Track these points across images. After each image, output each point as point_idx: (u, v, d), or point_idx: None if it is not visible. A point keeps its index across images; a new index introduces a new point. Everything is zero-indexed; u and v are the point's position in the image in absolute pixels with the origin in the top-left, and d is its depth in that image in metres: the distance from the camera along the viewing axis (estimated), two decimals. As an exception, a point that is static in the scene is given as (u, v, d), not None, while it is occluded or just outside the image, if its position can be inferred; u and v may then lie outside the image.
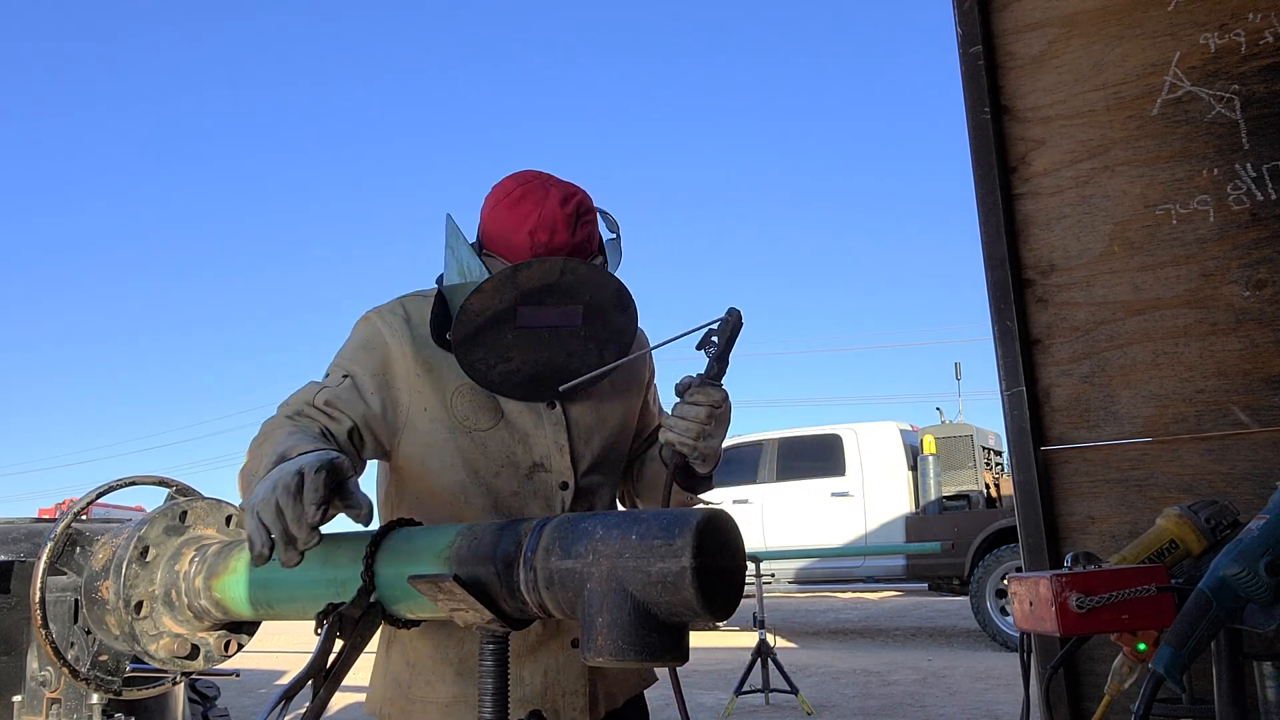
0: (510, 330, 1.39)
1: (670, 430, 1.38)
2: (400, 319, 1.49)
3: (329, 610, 1.13)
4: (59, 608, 1.46)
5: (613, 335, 1.46)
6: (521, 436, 1.48)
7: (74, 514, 1.44)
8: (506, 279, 1.36)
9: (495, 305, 1.37)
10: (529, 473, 1.47)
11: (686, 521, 0.95)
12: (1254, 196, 1.83)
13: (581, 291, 1.40)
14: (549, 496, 1.48)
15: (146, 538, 1.33)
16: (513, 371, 1.43)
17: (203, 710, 4.70)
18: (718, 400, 1.37)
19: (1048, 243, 2.02)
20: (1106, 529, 1.89)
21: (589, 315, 1.42)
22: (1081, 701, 1.88)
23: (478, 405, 1.47)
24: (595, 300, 1.42)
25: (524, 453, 1.48)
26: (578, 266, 1.38)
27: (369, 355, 1.47)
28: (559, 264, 1.38)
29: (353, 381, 1.45)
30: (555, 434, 1.49)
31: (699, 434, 1.36)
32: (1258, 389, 1.79)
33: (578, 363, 1.45)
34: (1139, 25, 1.97)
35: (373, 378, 1.46)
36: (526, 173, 1.50)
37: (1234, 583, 1.08)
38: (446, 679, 1.44)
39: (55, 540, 1.42)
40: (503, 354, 1.41)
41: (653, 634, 0.96)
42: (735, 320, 1.37)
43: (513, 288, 1.37)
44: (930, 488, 9.40)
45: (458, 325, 1.38)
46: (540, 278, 1.37)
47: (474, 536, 1.12)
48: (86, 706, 1.48)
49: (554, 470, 1.48)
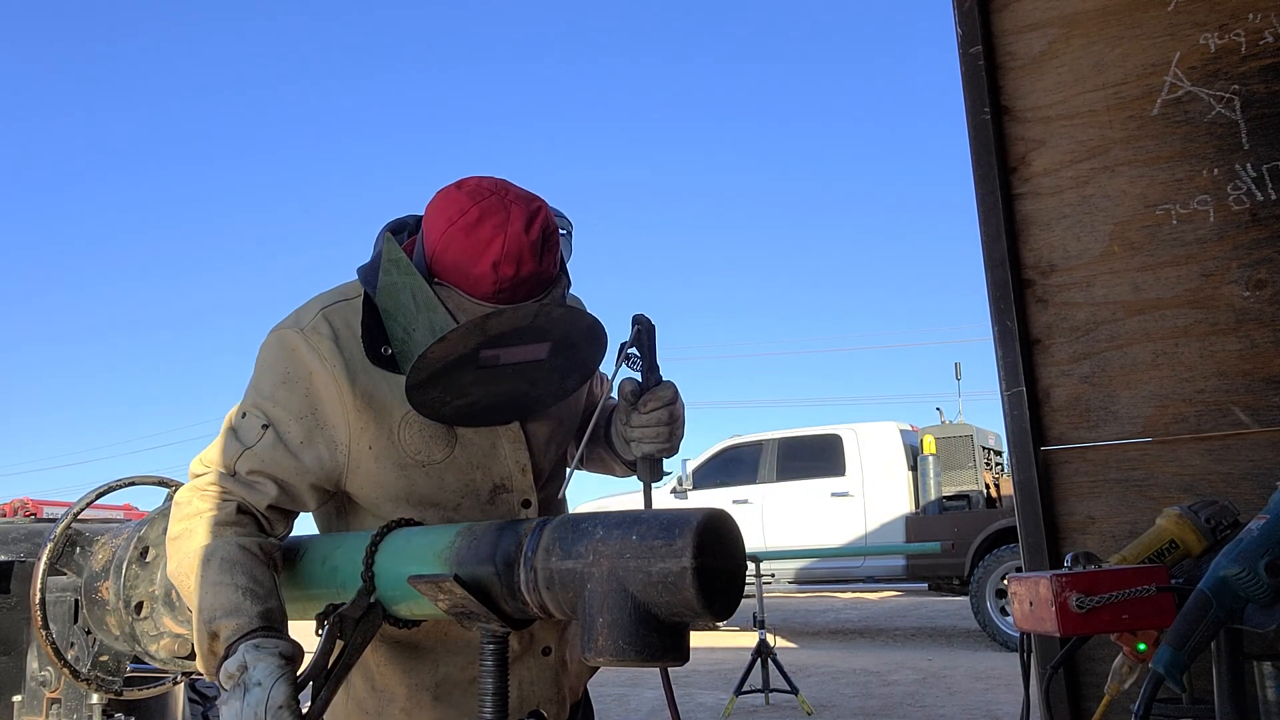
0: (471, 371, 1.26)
1: (643, 443, 1.40)
2: (328, 340, 1.30)
3: (329, 611, 1.13)
4: (59, 608, 1.46)
5: (578, 365, 1.36)
6: (480, 461, 1.36)
7: (74, 514, 1.44)
8: (474, 329, 1.21)
9: (458, 351, 1.23)
10: (490, 497, 1.37)
11: (687, 522, 0.95)
12: (1254, 196, 1.83)
13: (553, 332, 1.28)
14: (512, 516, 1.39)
15: (146, 538, 1.33)
16: (470, 404, 1.30)
17: (202, 710, 4.70)
18: (671, 397, 1.39)
19: (1048, 243, 2.02)
20: (1106, 529, 1.89)
21: (556, 350, 1.31)
22: (1081, 701, 1.88)
23: (428, 435, 1.32)
24: (566, 339, 1.31)
25: (483, 478, 1.36)
26: (552, 311, 1.25)
27: (291, 394, 1.29)
28: (533, 310, 1.24)
29: (274, 433, 1.28)
30: (515, 452, 1.39)
31: (669, 435, 1.39)
32: (1258, 389, 1.79)
33: (540, 390, 1.35)
34: (1139, 25, 1.97)
35: (299, 422, 1.28)
36: (479, 184, 1.30)
37: (1234, 583, 1.08)
38: (424, 705, 1.35)
39: (55, 541, 1.42)
40: (460, 391, 1.28)
41: (653, 634, 0.96)
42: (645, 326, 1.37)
43: (480, 334, 1.23)
44: (930, 488, 9.40)
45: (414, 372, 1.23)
46: (511, 324, 1.24)
47: (474, 537, 1.12)
48: (86, 706, 1.48)
49: (516, 489, 1.39)
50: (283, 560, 1.32)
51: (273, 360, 1.31)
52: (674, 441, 1.40)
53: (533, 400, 1.37)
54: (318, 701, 1.10)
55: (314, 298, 1.38)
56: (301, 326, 1.31)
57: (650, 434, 1.38)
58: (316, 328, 1.31)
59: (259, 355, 1.34)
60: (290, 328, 1.32)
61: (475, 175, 1.33)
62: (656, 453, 1.40)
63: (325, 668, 1.11)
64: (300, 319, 1.33)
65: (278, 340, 1.32)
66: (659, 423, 1.38)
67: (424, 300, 1.26)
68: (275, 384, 1.30)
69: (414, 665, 1.36)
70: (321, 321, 1.32)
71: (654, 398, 1.37)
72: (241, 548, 1.22)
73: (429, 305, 1.26)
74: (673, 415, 1.39)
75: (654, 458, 1.41)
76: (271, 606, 1.18)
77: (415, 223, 1.41)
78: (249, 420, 1.29)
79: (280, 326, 1.34)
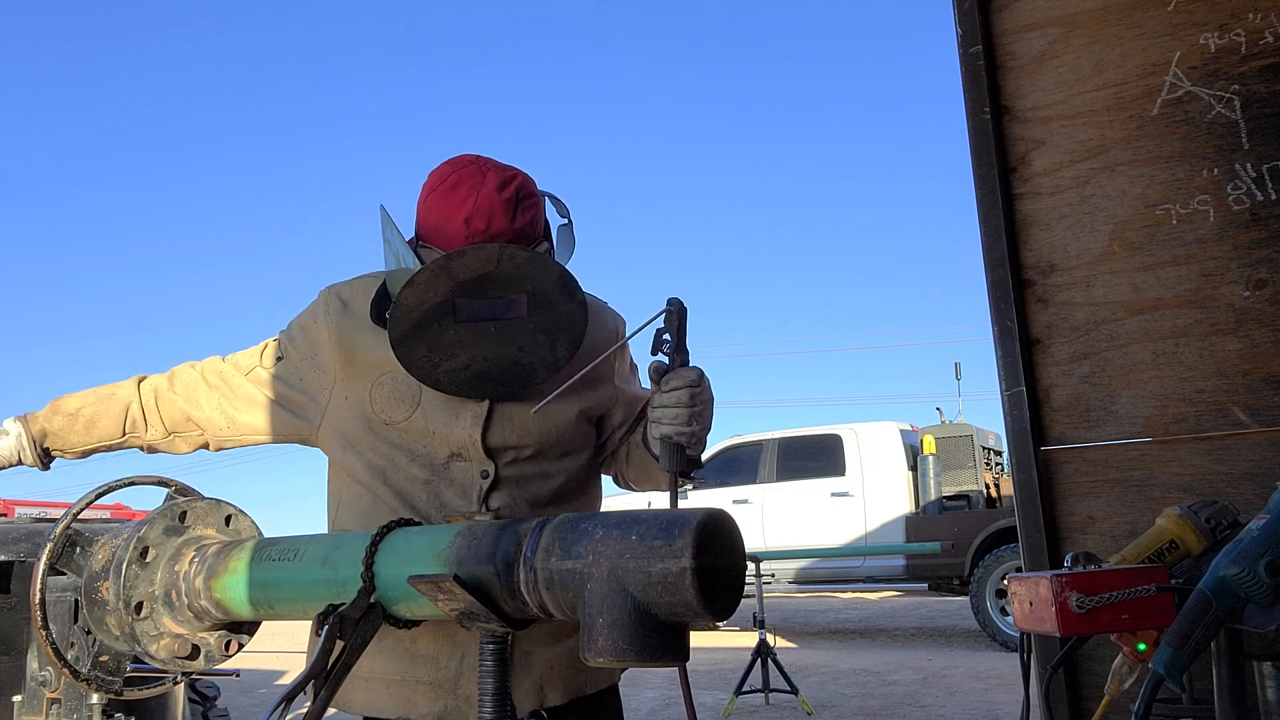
0: (451, 326, 1.33)
1: (660, 424, 1.36)
2: (338, 300, 1.49)
3: (329, 612, 1.13)
4: (59, 608, 1.46)
5: (563, 325, 1.39)
6: (437, 428, 1.43)
7: (74, 514, 1.44)
8: (440, 269, 1.30)
9: (431, 299, 1.31)
10: (445, 462, 1.43)
11: (686, 522, 0.95)
12: (1254, 196, 1.83)
13: (523, 280, 1.34)
14: (467, 485, 1.43)
15: (146, 538, 1.33)
16: (460, 368, 1.37)
17: (203, 710, 4.70)
18: (695, 379, 1.35)
19: (1048, 243, 2.02)
20: (1106, 529, 1.89)
21: (534, 305, 1.36)
22: (1081, 702, 1.88)
23: (396, 396, 1.43)
24: (539, 289, 1.35)
25: (439, 444, 1.43)
26: (516, 253, 1.32)
27: (304, 336, 1.52)
28: (495, 250, 1.31)
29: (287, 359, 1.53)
30: (472, 425, 1.43)
31: (689, 418, 1.35)
32: (1258, 389, 1.79)
33: (529, 357, 1.39)
34: (1139, 25, 1.97)
35: (303, 361, 1.51)
36: (463, 157, 1.43)
37: (1234, 583, 1.08)
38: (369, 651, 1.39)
39: (55, 541, 1.42)
40: (447, 351, 1.35)
41: (653, 634, 0.96)
42: (678, 309, 1.34)
43: (448, 278, 1.30)
44: (930, 488, 9.39)
45: (393, 322, 1.32)
46: (476, 266, 1.31)
47: (474, 537, 1.12)
48: (86, 706, 1.48)
49: (473, 460, 1.43)
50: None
51: (307, 309, 1.55)
52: (695, 427, 1.35)
53: (525, 370, 1.40)
54: (317, 702, 1.10)
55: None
56: (330, 286, 1.53)
57: (669, 414, 1.35)
58: (339, 291, 1.51)
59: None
60: (327, 288, 1.53)
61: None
62: (675, 435, 1.35)
63: (325, 668, 1.11)
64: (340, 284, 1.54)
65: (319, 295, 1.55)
66: (679, 403, 1.34)
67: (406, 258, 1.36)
68: (299, 326, 1.54)
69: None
70: (345, 286, 1.52)
71: (676, 376, 1.35)
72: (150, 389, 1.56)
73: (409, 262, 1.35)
74: (694, 397, 1.35)
75: (674, 442, 1.36)
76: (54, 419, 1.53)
77: None
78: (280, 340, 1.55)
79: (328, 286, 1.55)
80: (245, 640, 1.42)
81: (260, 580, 1.26)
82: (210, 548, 1.34)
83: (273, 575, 1.25)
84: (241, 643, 1.41)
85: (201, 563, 1.32)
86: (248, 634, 1.42)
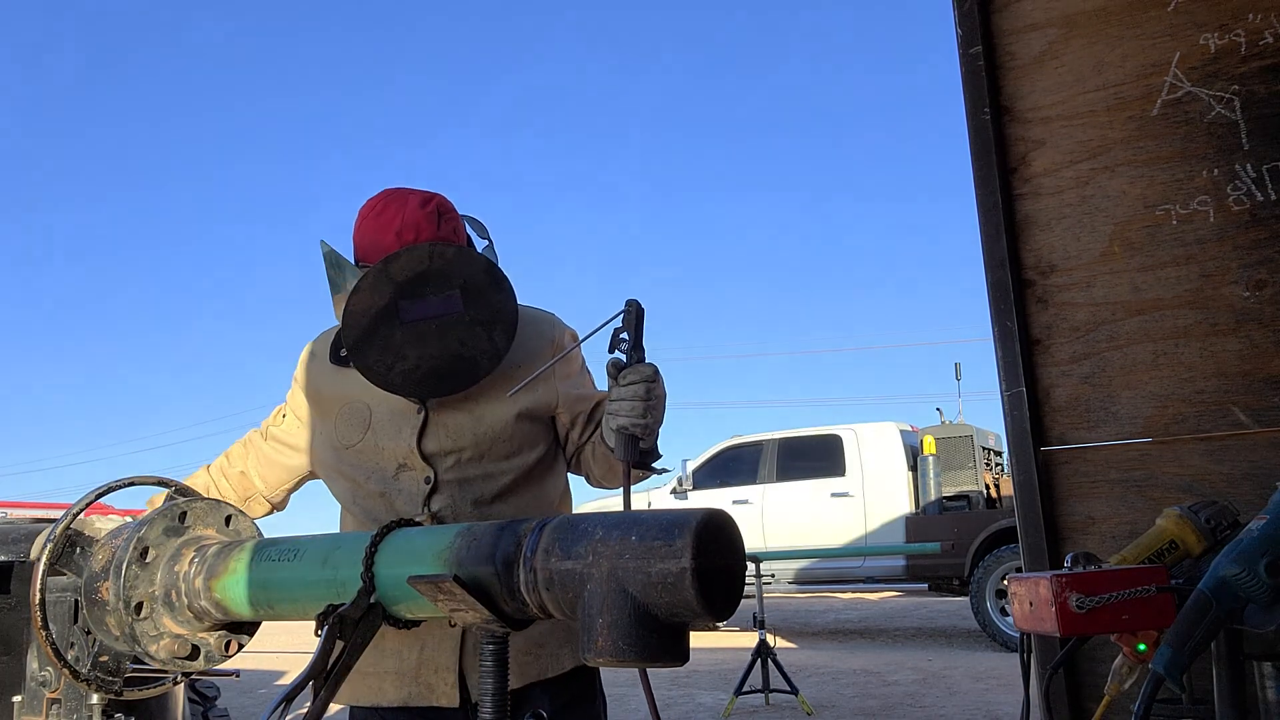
0: (398, 328, 1.46)
1: (616, 415, 1.44)
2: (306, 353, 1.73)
3: (329, 612, 1.13)
4: (59, 608, 1.46)
5: (496, 316, 1.50)
6: (384, 444, 1.58)
7: (74, 515, 1.44)
8: (380, 273, 1.45)
9: (376, 303, 1.45)
10: (395, 473, 1.58)
11: (686, 522, 0.95)
12: (1254, 197, 1.83)
13: (454, 275, 1.48)
14: (414, 492, 1.57)
15: (146, 539, 1.33)
16: (411, 369, 1.48)
17: (203, 710, 4.70)
18: (650, 374, 1.43)
19: (1048, 243, 2.02)
20: (1106, 529, 1.89)
21: (468, 299, 1.48)
22: (1081, 702, 1.88)
23: (351, 423, 1.61)
24: (470, 282, 1.49)
25: (388, 458, 1.58)
26: (444, 249, 1.48)
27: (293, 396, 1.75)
28: (425, 249, 1.47)
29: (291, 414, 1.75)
30: (409, 436, 1.57)
31: (644, 410, 1.43)
32: (1258, 389, 1.79)
33: (470, 350, 1.50)
34: (1139, 26, 1.97)
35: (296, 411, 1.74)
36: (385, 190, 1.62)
37: (1234, 583, 1.08)
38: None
39: (55, 541, 1.42)
40: (397, 352, 1.47)
41: (653, 634, 0.96)
42: (636, 309, 1.42)
43: (388, 281, 1.45)
44: (930, 488, 9.40)
45: (345, 331, 1.47)
46: (411, 266, 1.46)
47: (473, 537, 1.12)
48: (87, 707, 1.48)
49: (415, 468, 1.57)
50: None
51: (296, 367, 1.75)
52: (649, 420, 1.43)
53: (468, 363, 1.50)
54: (317, 702, 1.10)
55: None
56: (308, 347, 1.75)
57: (625, 407, 1.43)
58: (310, 346, 1.74)
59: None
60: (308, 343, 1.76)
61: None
62: (630, 426, 1.42)
63: (325, 668, 1.11)
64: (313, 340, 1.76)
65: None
66: (635, 396, 1.42)
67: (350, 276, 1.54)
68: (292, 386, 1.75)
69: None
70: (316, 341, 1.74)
71: (632, 371, 1.43)
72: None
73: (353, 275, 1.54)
74: (650, 392, 1.43)
75: (630, 433, 1.43)
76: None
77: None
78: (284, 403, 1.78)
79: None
80: (245, 640, 1.42)
81: (260, 580, 1.26)
82: (210, 548, 1.34)
83: (272, 575, 1.25)
84: (241, 643, 1.41)
85: (201, 563, 1.32)
86: (248, 634, 1.42)
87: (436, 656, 1.56)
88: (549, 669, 1.58)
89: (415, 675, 1.55)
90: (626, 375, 1.43)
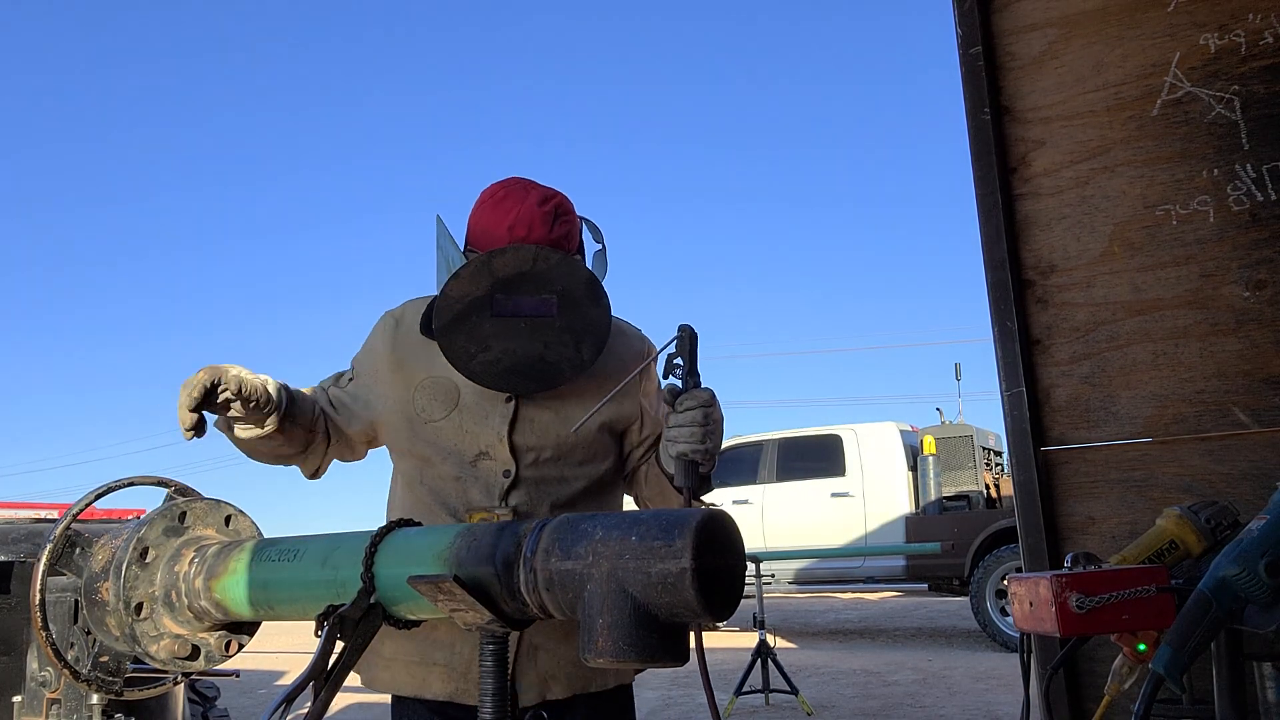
0: (488, 319, 1.47)
1: (676, 442, 1.42)
2: (392, 320, 1.66)
3: (329, 612, 1.13)
4: (59, 608, 1.46)
5: (588, 328, 1.51)
6: (469, 428, 1.56)
7: (73, 515, 1.44)
8: (482, 265, 1.46)
9: (472, 291, 1.46)
10: (474, 460, 1.55)
11: (686, 523, 0.95)
12: (1254, 197, 1.83)
13: (554, 280, 1.48)
14: (490, 482, 1.54)
15: (146, 539, 1.33)
16: (493, 361, 1.48)
17: (202, 710, 4.70)
18: (707, 399, 1.43)
19: (1048, 243, 2.02)
20: (1106, 529, 1.89)
21: (564, 306, 1.49)
22: (1081, 702, 1.88)
23: (435, 397, 1.57)
24: (569, 290, 1.49)
25: (470, 442, 1.56)
26: (550, 254, 1.48)
27: (367, 357, 1.68)
28: (531, 251, 1.47)
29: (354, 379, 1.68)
30: (499, 425, 1.55)
31: (703, 435, 1.42)
32: (1258, 389, 1.78)
33: (554, 355, 1.50)
34: (1139, 26, 1.97)
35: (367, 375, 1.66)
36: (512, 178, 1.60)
37: (1234, 583, 1.08)
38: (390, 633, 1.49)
39: (55, 542, 1.42)
40: (482, 342, 1.47)
41: (653, 634, 0.96)
42: (689, 335, 1.43)
43: (488, 274, 1.46)
44: (930, 488, 9.39)
45: (438, 311, 1.47)
46: (514, 265, 1.47)
47: (473, 538, 1.12)
48: (86, 707, 1.48)
49: (497, 459, 1.55)
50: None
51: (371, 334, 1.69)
52: (708, 445, 1.42)
53: (550, 367, 1.50)
54: (317, 703, 1.10)
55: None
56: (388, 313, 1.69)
57: (684, 433, 1.42)
58: (392, 312, 1.68)
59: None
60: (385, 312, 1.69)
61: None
62: (690, 453, 1.42)
63: (325, 669, 1.11)
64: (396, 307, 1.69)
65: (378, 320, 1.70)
66: (693, 422, 1.41)
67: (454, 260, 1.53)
68: (364, 348, 1.69)
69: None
70: (399, 307, 1.68)
71: (690, 397, 1.43)
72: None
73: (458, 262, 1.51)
74: (708, 417, 1.42)
75: (689, 459, 1.42)
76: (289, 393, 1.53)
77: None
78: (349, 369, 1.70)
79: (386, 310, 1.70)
80: (245, 641, 1.42)
81: (260, 581, 1.26)
82: (210, 548, 1.34)
83: (272, 576, 1.25)
84: (241, 643, 1.41)
85: (201, 563, 1.32)
86: (248, 634, 1.42)
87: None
88: (594, 683, 1.57)
89: (465, 672, 1.52)
90: (684, 402, 1.42)
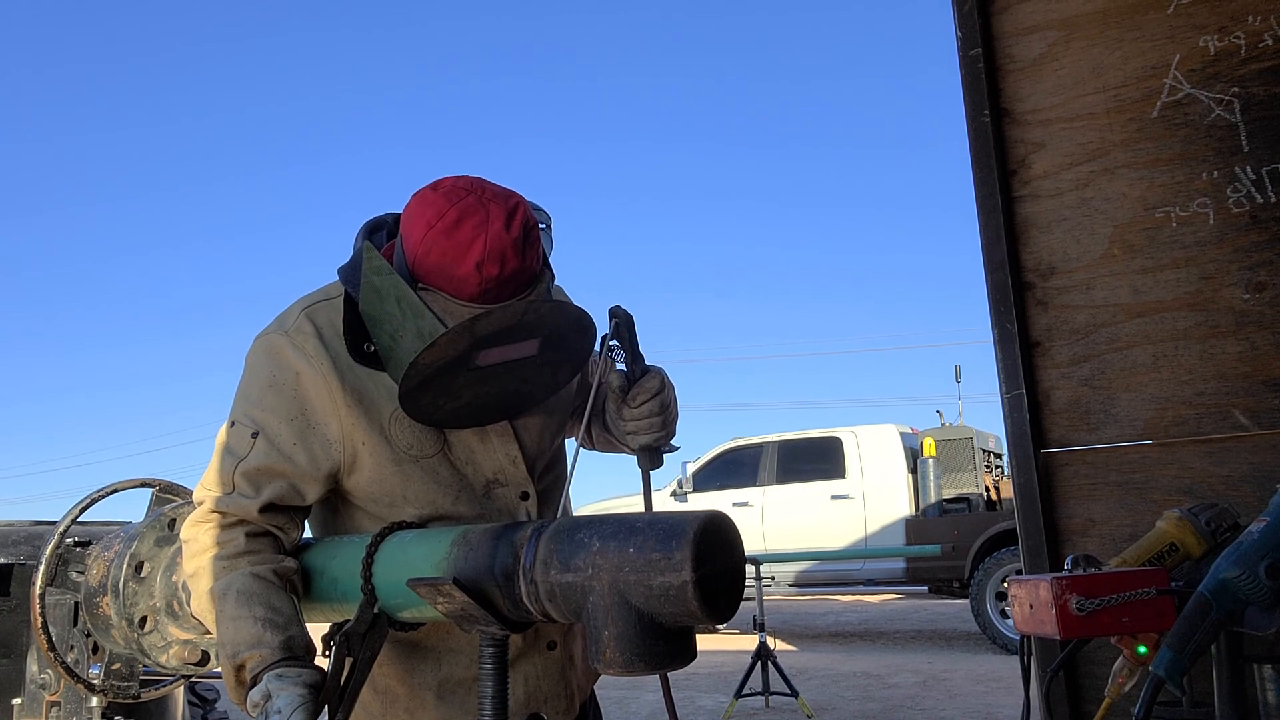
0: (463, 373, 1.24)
1: (639, 435, 1.41)
2: (313, 338, 1.29)
3: (334, 631, 1.13)
4: (58, 611, 1.46)
5: (569, 357, 1.35)
6: (469, 456, 1.35)
7: (61, 531, 1.43)
8: (464, 331, 1.19)
9: (449, 355, 1.21)
10: (485, 491, 1.36)
11: (683, 532, 0.95)
12: (1254, 199, 1.83)
13: (543, 327, 1.26)
14: (511, 510, 1.37)
15: (139, 554, 1.33)
16: (462, 406, 1.28)
17: (202, 713, 4.70)
18: (658, 387, 1.40)
19: (1047, 245, 2.02)
20: (1107, 532, 1.89)
21: (546, 345, 1.29)
22: (1082, 704, 1.88)
23: (419, 430, 1.31)
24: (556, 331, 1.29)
25: (475, 472, 1.35)
26: (540, 307, 1.24)
27: (278, 397, 1.28)
28: (520, 308, 1.22)
29: (265, 439, 1.27)
30: (504, 445, 1.37)
31: (663, 424, 1.40)
32: (1258, 392, 1.78)
33: (531, 387, 1.33)
34: (1139, 28, 1.97)
35: (289, 424, 1.27)
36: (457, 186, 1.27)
37: (1234, 585, 1.08)
38: (428, 704, 1.34)
39: (46, 563, 1.41)
40: (453, 394, 1.26)
41: (660, 642, 0.96)
42: (622, 318, 1.37)
43: (469, 337, 1.20)
44: (930, 490, 9.38)
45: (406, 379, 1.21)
46: (499, 324, 1.22)
47: (469, 547, 1.12)
48: (86, 709, 1.48)
49: (511, 483, 1.37)
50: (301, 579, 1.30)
51: (258, 365, 1.30)
52: (669, 429, 1.42)
53: (525, 397, 1.35)
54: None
55: (296, 301, 1.37)
56: (286, 329, 1.31)
57: (644, 425, 1.40)
58: (300, 328, 1.30)
59: (245, 363, 1.33)
60: (274, 332, 1.32)
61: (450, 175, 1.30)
62: (654, 442, 1.41)
63: (338, 687, 1.11)
64: (284, 322, 1.32)
65: (263, 345, 1.31)
66: (650, 414, 1.39)
67: (410, 306, 1.23)
68: (262, 389, 1.29)
69: (416, 665, 1.35)
70: (305, 321, 1.31)
71: (641, 390, 1.39)
72: (256, 577, 1.22)
73: (416, 311, 1.22)
74: (663, 404, 1.40)
75: (653, 447, 1.42)
76: (293, 634, 1.19)
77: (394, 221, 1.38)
78: (237, 430, 1.29)
79: (264, 332, 1.33)
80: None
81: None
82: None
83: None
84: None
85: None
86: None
87: (544, 686, 1.40)
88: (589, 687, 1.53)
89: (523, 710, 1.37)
90: (636, 396, 1.38)
